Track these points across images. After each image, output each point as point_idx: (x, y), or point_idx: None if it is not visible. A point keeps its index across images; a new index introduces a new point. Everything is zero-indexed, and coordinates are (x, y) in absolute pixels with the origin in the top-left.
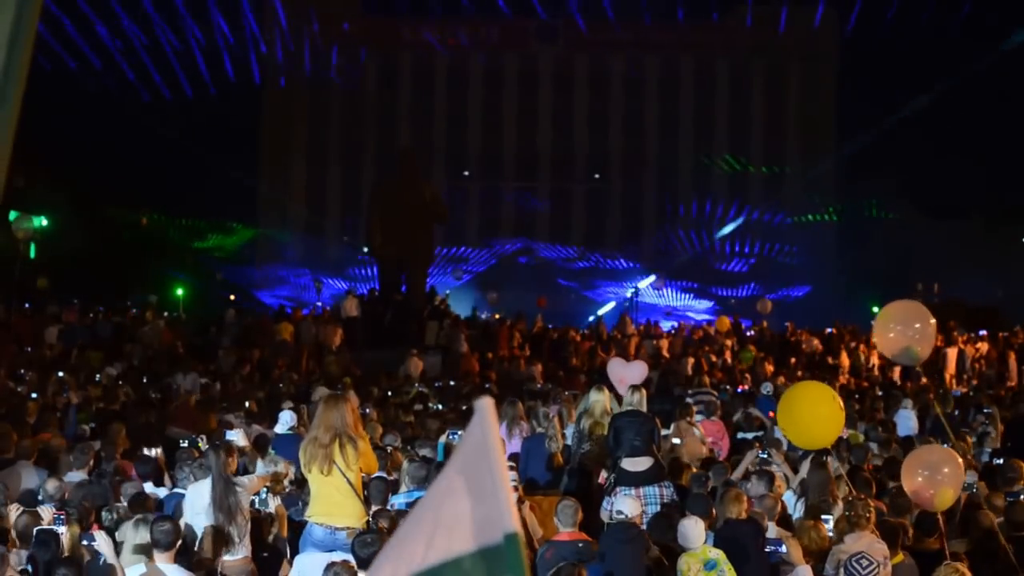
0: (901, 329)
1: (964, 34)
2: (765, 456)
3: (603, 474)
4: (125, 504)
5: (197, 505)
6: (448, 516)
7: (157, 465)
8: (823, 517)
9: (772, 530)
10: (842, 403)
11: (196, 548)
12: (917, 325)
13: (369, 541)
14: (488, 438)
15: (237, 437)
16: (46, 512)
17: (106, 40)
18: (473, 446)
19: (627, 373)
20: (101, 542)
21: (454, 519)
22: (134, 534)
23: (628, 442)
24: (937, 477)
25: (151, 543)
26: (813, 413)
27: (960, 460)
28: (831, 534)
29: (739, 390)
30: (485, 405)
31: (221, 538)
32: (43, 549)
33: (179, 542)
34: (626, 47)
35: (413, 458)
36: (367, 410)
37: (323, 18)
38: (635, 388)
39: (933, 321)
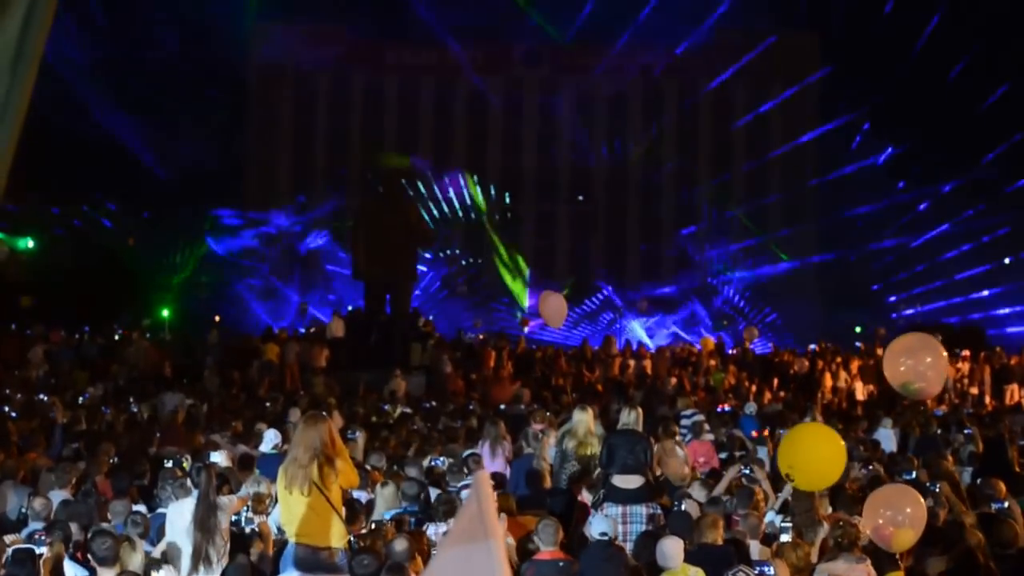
0: (912, 364)
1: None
2: (748, 472)
3: (584, 493)
4: (111, 524)
5: (178, 524)
6: None
7: (131, 486)
8: (783, 537)
9: (755, 548)
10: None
11: (174, 567)
12: (928, 360)
13: (367, 563)
14: (484, 509)
15: (220, 458)
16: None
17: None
18: (470, 518)
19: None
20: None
21: None
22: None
23: (621, 460)
24: (899, 517)
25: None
26: (817, 455)
27: (921, 500)
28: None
29: (719, 410)
30: (480, 479)
31: (199, 558)
32: (19, 568)
33: (128, 556)
34: (611, 72)
35: (404, 477)
36: (357, 433)
37: (309, 40)
38: (631, 408)
39: (945, 355)
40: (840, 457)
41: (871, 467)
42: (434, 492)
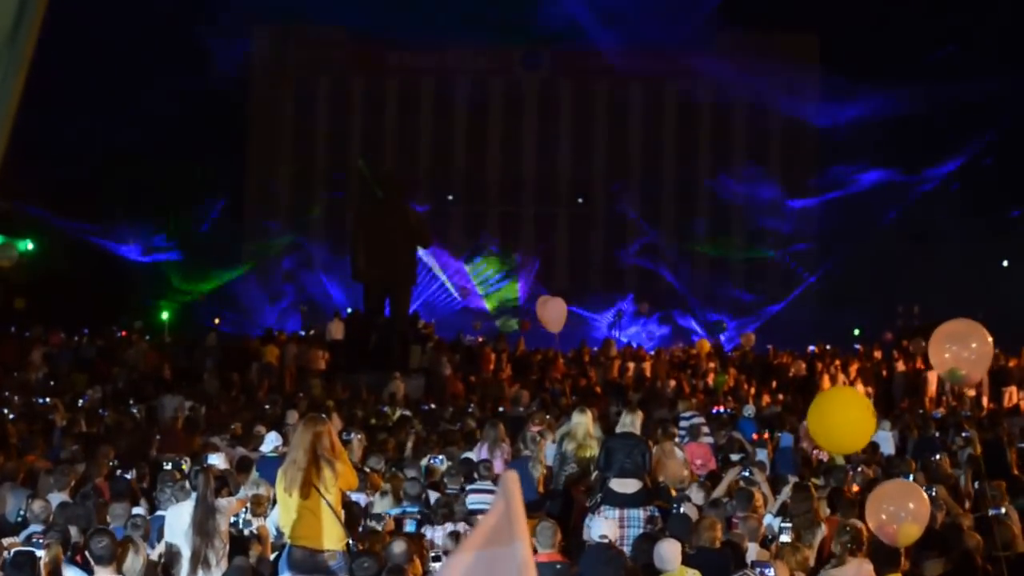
0: (956, 350)
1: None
2: (748, 475)
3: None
4: (109, 526)
5: (176, 527)
6: None
7: (131, 486)
8: (783, 538)
9: (753, 550)
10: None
11: (173, 570)
12: (974, 345)
13: (367, 565)
14: (513, 511)
15: (218, 460)
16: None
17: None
18: (498, 519)
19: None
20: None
21: None
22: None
23: (619, 463)
24: (901, 513)
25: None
26: (844, 417)
27: (924, 495)
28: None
29: (715, 411)
30: (509, 479)
31: (197, 560)
32: (18, 571)
33: (125, 557)
34: (610, 73)
35: (405, 477)
36: (353, 435)
37: (309, 43)
38: (630, 410)
39: (991, 341)
40: (868, 425)
41: (859, 468)
42: (433, 495)
